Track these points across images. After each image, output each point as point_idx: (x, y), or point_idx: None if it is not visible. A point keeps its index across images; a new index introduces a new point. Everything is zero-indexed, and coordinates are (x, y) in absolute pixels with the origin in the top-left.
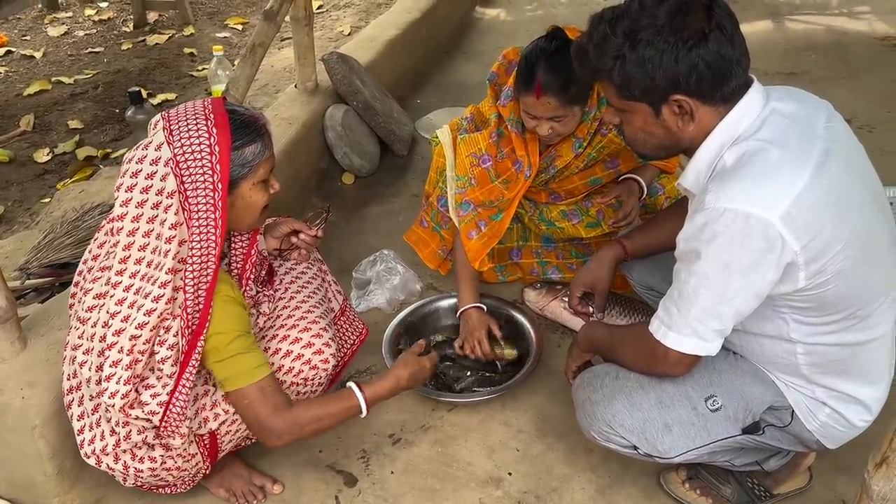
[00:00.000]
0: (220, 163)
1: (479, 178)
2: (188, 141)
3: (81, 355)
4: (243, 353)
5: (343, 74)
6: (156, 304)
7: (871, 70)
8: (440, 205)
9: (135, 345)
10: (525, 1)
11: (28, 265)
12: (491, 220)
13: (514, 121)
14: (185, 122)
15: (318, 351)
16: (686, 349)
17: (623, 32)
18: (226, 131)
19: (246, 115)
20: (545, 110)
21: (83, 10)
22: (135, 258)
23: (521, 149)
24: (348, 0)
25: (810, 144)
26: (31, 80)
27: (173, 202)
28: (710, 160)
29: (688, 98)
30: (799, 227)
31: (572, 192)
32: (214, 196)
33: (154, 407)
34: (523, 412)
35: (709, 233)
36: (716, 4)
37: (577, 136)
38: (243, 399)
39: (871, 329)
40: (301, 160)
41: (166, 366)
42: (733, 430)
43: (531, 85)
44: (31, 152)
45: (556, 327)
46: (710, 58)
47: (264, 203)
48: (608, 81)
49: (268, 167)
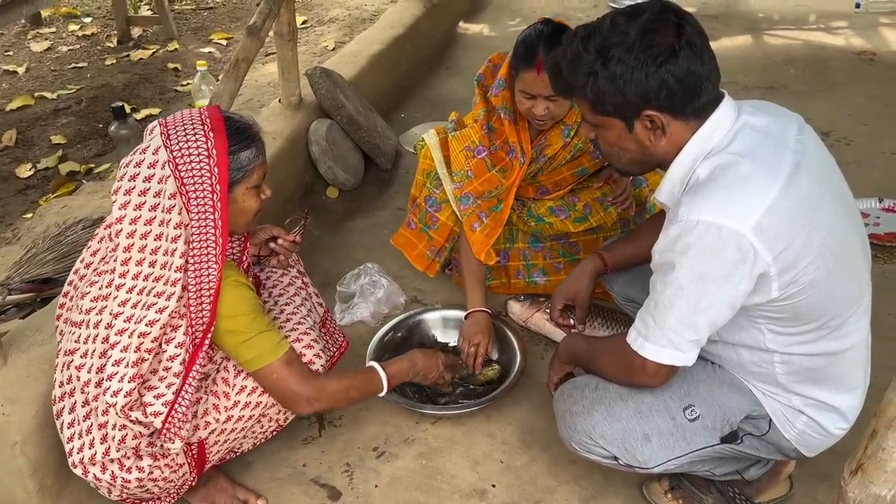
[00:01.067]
0: (219, 165)
1: (476, 169)
2: (186, 144)
3: (79, 358)
4: (265, 331)
5: (327, 89)
6: (168, 301)
7: (848, 84)
8: (428, 205)
9: (142, 343)
10: (508, 17)
11: (9, 281)
12: (491, 211)
13: (507, 108)
14: (183, 127)
15: (309, 362)
16: (663, 360)
17: (595, 49)
18: (222, 135)
19: (241, 121)
20: (545, 87)
21: (67, 25)
22: (136, 259)
23: (513, 136)
24: (332, 16)
25: (781, 157)
26: (14, 95)
27: (176, 203)
28: (683, 174)
29: (659, 113)
30: (770, 238)
31: (560, 183)
32: (213, 198)
33: (159, 407)
34: (507, 424)
35: (682, 245)
36: (685, 22)
37: (566, 123)
38: (272, 374)
39: (846, 338)
40: (285, 174)
41: (175, 363)
42: (712, 439)
43: (532, 60)
44: (13, 167)
45: (539, 339)
46: (680, 73)
47: (257, 208)
48: (582, 97)
49: (261, 173)
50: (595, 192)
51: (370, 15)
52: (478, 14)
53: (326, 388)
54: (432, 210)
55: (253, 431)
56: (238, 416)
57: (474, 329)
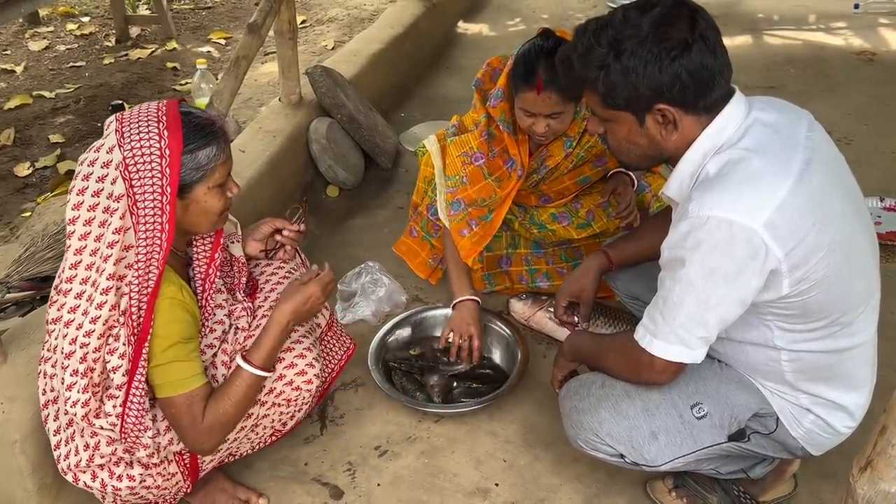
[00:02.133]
0: (171, 166)
1: (472, 176)
2: (138, 143)
3: (50, 368)
4: (179, 361)
5: (327, 88)
6: (99, 310)
7: (848, 84)
8: (430, 213)
9: (86, 352)
10: (507, 17)
11: (8, 279)
12: (481, 220)
13: (506, 121)
14: (137, 125)
15: (300, 372)
16: (671, 357)
17: (607, 42)
18: (178, 134)
19: (202, 117)
20: (545, 106)
21: (65, 24)
22: (86, 263)
23: (513, 147)
24: (332, 15)
25: (792, 153)
26: (12, 94)
27: (119, 206)
28: (693, 169)
29: (671, 107)
30: (782, 234)
31: (562, 192)
32: (162, 200)
33: (114, 419)
34: (510, 423)
35: (693, 240)
36: (699, 16)
37: (568, 134)
38: (170, 408)
39: (854, 336)
40: (285, 173)
41: (117, 375)
42: (719, 437)
43: (532, 80)
44: (11, 166)
45: (541, 338)
46: (693, 67)
47: (221, 207)
48: (592, 91)
49: (224, 171)
50: (598, 198)
51: (369, 14)
52: (477, 14)
53: (213, 427)
54: (434, 218)
55: (249, 439)
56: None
57: (465, 320)
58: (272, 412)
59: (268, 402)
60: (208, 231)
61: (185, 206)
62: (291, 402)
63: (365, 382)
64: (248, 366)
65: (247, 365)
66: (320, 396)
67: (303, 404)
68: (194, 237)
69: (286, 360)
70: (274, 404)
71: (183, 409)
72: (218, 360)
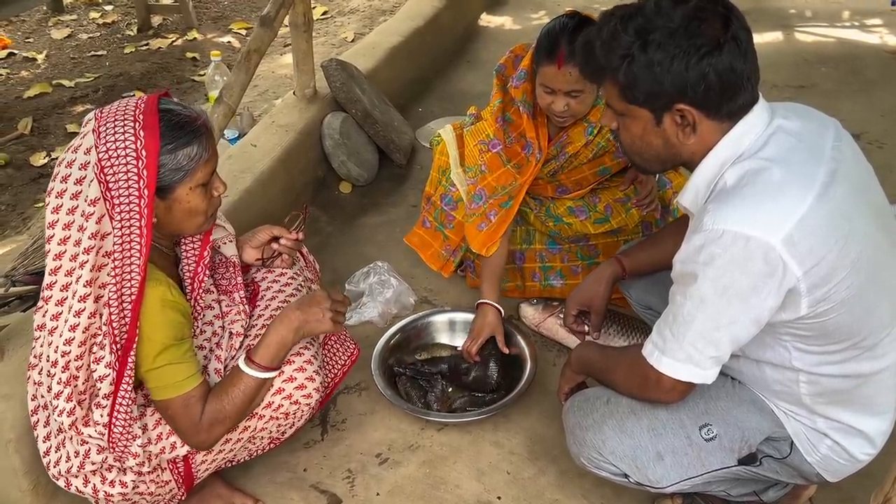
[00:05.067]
0: (147, 167)
1: (491, 164)
2: (114, 145)
3: (37, 375)
4: (174, 363)
5: (342, 82)
6: (77, 318)
7: (882, 84)
8: (444, 203)
9: (68, 361)
10: (531, 9)
11: (14, 272)
12: (501, 207)
13: (526, 102)
14: (114, 125)
15: (300, 385)
16: (680, 376)
17: (635, 31)
18: (154, 133)
19: (182, 115)
20: (565, 82)
21: (88, 13)
22: (65, 269)
23: (531, 131)
24: (353, 6)
25: (816, 165)
26: (32, 82)
27: (95, 210)
28: (710, 178)
29: (692, 108)
30: (801, 251)
31: (580, 182)
32: (140, 203)
33: (102, 428)
34: (515, 433)
35: (706, 255)
36: (733, 15)
37: (590, 120)
38: (167, 409)
39: (877, 360)
40: (297, 168)
41: (104, 385)
42: (729, 460)
43: (554, 55)
44: (27, 156)
45: (552, 345)
46: (722, 68)
47: (206, 207)
48: (612, 81)
49: (208, 170)
50: (617, 192)
51: (391, 6)
52: (500, 7)
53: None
54: (448, 208)
55: (246, 448)
56: (225, 438)
57: (479, 325)
58: (270, 425)
59: (265, 415)
60: (195, 232)
61: (167, 207)
62: (290, 415)
63: (368, 387)
64: (249, 368)
65: (248, 367)
66: (322, 402)
67: (300, 418)
68: (182, 238)
69: (286, 374)
70: (272, 417)
71: (181, 411)
72: (211, 366)
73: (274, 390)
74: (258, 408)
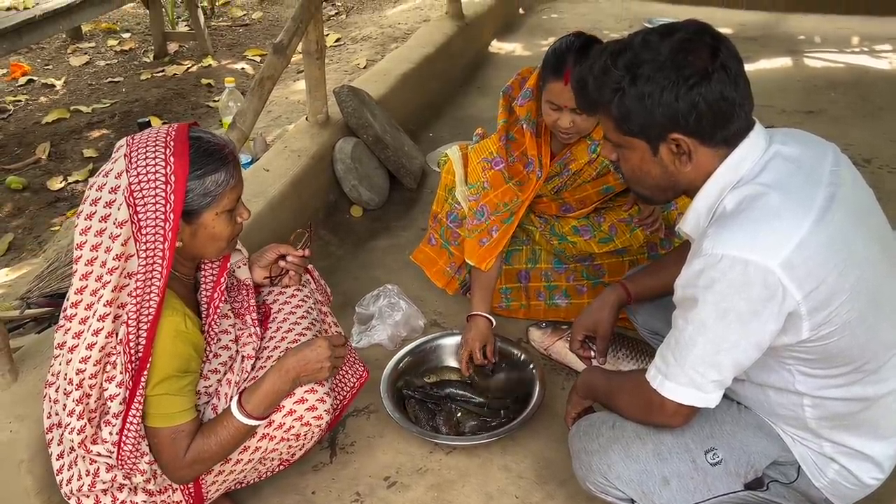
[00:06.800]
0: (175, 192)
1: (493, 181)
2: (144, 169)
3: (53, 392)
4: (171, 394)
5: (354, 108)
6: (95, 337)
7: (891, 110)
8: (450, 221)
9: (83, 379)
10: (541, 36)
11: (29, 294)
12: (503, 223)
13: (530, 120)
14: (145, 150)
15: (311, 407)
16: (683, 400)
17: (624, 66)
18: (184, 160)
19: (212, 143)
20: (570, 99)
21: (106, 40)
22: (91, 289)
23: (533, 148)
24: (366, 34)
25: (814, 190)
26: (51, 108)
27: (122, 232)
28: (710, 204)
29: (686, 137)
30: (800, 275)
31: (584, 201)
32: (165, 227)
33: (110, 445)
34: (524, 457)
35: (706, 279)
36: (721, 44)
37: (594, 138)
38: (154, 437)
39: (882, 383)
40: (309, 192)
41: (114, 403)
42: (735, 485)
43: (561, 70)
44: (44, 180)
45: (560, 368)
46: (712, 98)
47: (230, 233)
48: (607, 115)
49: (234, 196)
50: (621, 212)
51: (402, 33)
52: (510, 33)
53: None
54: (453, 226)
55: (256, 470)
56: (236, 459)
57: (469, 336)
58: (281, 446)
59: (276, 436)
60: (216, 256)
61: (193, 232)
62: (301, 437)
63: (377, 409)
64: (240, 414)
65: (239, 413)
66: (331, 424)
67: (310, 440)
68: (203, 262)
69: (297, 395)
70: (283, 438)
71: (167, 442)
72: (222, 390)
73: (285, 411)
74: (269, 429)
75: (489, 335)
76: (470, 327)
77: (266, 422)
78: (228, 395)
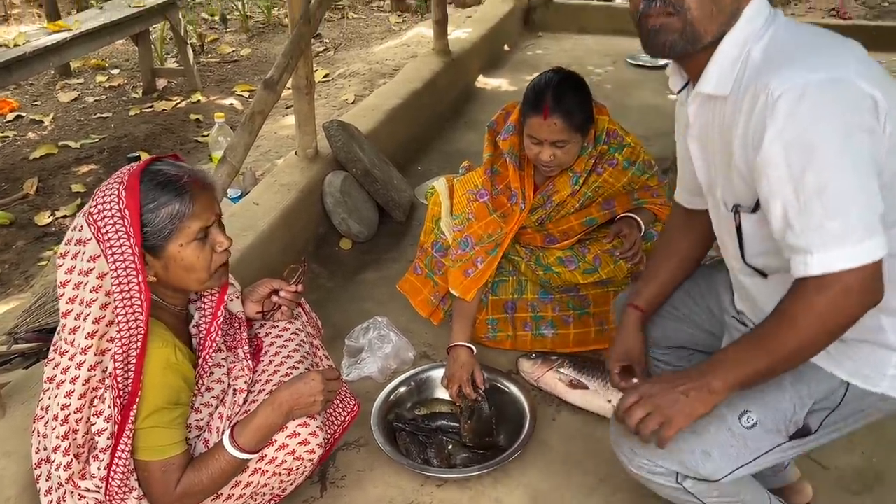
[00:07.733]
0: (133, 226)
1: (477, 213)
2: (103, 206)
3: (42, 427)
4: (161, 427)
5: (343, 142)
6: (78, 370)
7: None
8: (434, 251)
9: (68, 414)
10: (527, 72)
11: (16, 329)
12: (488, 254)
13: (514, 154)
14: (106, 186)
15: (303, 441)
16: (865, 257)
17: None
18: (133, 194)
19: (168, 174)
20: (550, 132)
21: (94, 76)
22: (71, 327)
23: (516, 181)
24: (354, 70)
25: (843, 43)
26: (39, 143)
27: (95, 266)
28: (735, 55)
29: None
30: (870, 81)
31: (567, 232)
32: (135, 260)
33: (98, 481)
34: (515, 488)
35: (807, 114)
36: None
37: (575, 170)
38: (144, 471)
39: None
40: (299, 225)
41: (102, 438)
42: (779, 439)
43: (540, 106)
44: (32, 215)
45: (550, 399)
46: None
47: (205, 262)
48: None
49: (196, 226)
50: (605, 244)
51: (390, 69)
52: (496, 69)
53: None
54: (438, 255)
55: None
56: (227, 494)
57: (453, 367)
58: (272, 480)
59: (268, 470)
60: (199, 289)
61: (164, 266)
62: (293, 471)
63: (368, 443)
64: (232, 447)
65: (231, 447)
66: (322, 458)
67: (301, 474)
68: (201, 295)
69: (289, 429)
70: (275, 473)
71: (157, 476)
72: (214, 424)
73: (277, 445)
74: (261, 463)
75: (473, 362)
76: (453, 359)
77: (258, 456)
78: (220, 429)
